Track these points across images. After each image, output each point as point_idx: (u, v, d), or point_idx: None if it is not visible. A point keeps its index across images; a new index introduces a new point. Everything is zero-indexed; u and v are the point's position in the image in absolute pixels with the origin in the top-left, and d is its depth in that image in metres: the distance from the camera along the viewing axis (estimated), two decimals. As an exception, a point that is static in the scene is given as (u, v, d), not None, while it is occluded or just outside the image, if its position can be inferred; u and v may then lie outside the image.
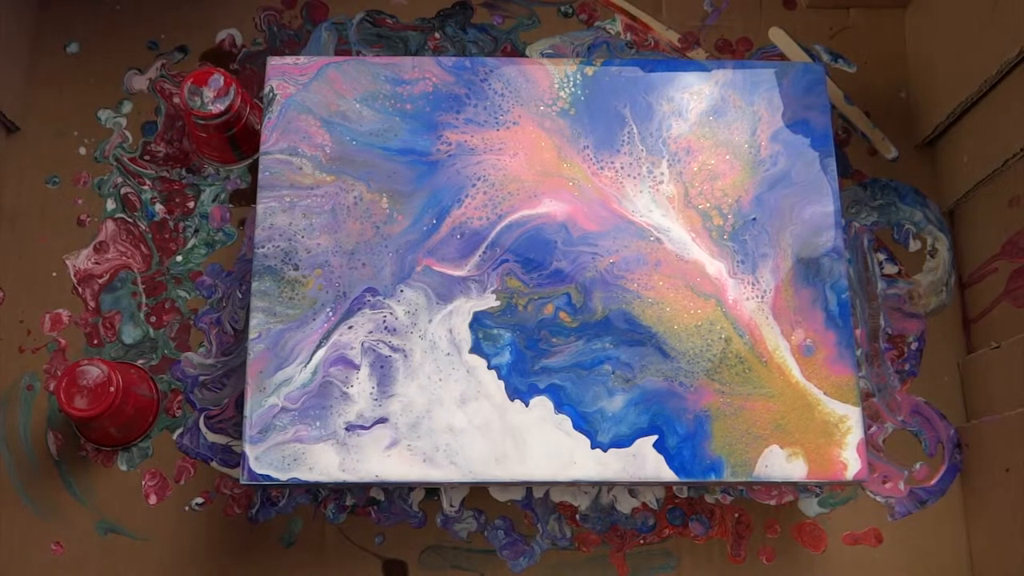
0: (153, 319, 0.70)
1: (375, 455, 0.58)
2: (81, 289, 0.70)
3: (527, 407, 0.58)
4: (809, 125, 0.63)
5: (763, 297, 0.60)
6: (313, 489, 0.67)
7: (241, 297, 0.70)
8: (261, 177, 0.62)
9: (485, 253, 0.61)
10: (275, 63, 0.64)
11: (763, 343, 0.60)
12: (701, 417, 0.59)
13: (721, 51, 0.76)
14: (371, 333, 0.59)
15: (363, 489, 0.67)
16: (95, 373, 0.62)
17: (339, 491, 0.67)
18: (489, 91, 0.63)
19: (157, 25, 0.76)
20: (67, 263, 0.71)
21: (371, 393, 0.58)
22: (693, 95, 0.64)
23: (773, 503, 0.68)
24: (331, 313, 0.60)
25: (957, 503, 0.68)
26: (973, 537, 0.67)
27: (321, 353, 0.59)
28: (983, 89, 0.66)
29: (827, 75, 0.72)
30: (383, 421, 0.58)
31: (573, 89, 0.63)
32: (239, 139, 0.70)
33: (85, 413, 0.61)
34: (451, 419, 0.58)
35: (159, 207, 0.72)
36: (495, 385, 0.59)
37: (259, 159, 0.62)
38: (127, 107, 0.74)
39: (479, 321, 0.60)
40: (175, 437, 0.68)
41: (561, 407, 0.58)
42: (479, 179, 0.62)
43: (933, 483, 0.68)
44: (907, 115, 0.75)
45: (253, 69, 0.75)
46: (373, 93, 0.63)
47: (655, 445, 0.58)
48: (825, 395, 0.59)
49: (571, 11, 0.76)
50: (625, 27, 0.76)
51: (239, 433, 0.67)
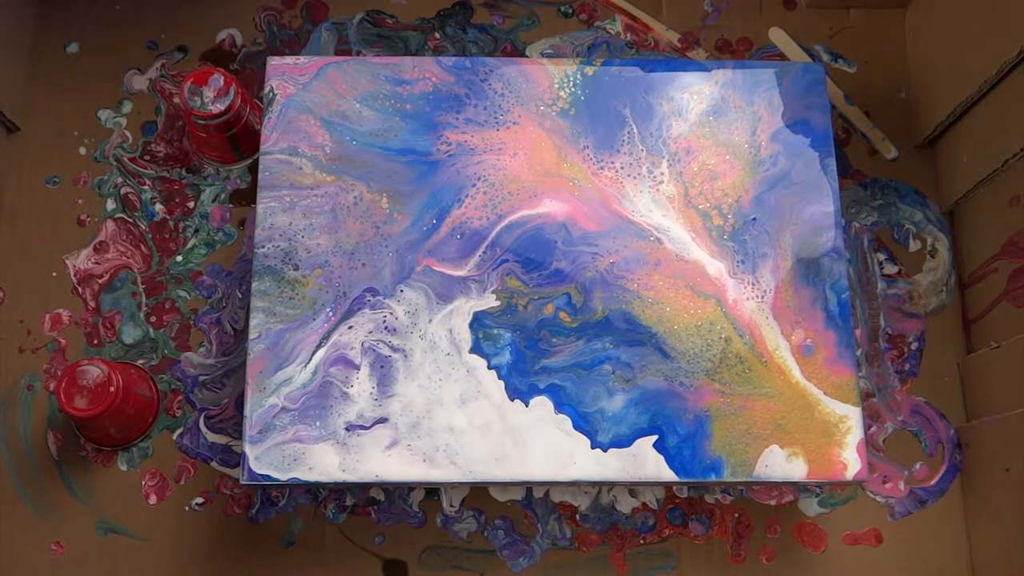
0: (153, 319, 0.70)
1: (375, 455, 0.58)
2: (81, 289, 0.70)
3: (527, 407, 0.58)
4: (809, 125, 0.63)
5: (763, 297, 0.60)
6: (313, 489, 0.67)
7: (241, 297, 0.70)
8: (261, 177, 0.62)
9: (485, 253, 0.61)
10: (275, 63, 0.64)
11: (763, 343, 0.60)
12: (701, 417, 0.58)
13: (721, 51, 0.76)
14: (371, 333, 0.59)
15: (363, 489, 0.67)
16: (95, 373, 0.62)
17: (339, 491, 0.67)
18: (489, 91, 0.63)
19: (157, 25, 0.76)
20: (67, 263, 0.71)
21: (371, 393, 0.58)
22: (693, 95, 0.64)
23: (773, 503, 0.68)
24: (331, 313, 0.59)
25: (957, 503, 0.68)
26: (973, 537, 0.67)
27: (321, 353, 0.59)
28: (983, 89, 0.66)
29: (827, 75, 0.72)
30: (383, 421, 0.58)
31: (573, 89, 0.63)
32: (239, 139, 0.70)
33: (85, 413, 0.61)
34: (451, 419, 0.58)
35: (159, 207, 0.72)
36: (495, 385, 0.59)
37: (259, 159, 0.62)
38: (127, 107, 0.74)
39: (479, 321, 0.60)
40: (175, 437, 0.68)
41: (561, 407, 0.58)
42: (479, 179, 0.62)
43: (933, 483, 0.68)
44: (907, 115, 0.75)
45: (253, 69, 0.75)
46: (373, 93, 0.63)
47: (655, 445, 0.58)
48: (825, 395, 0.59)
49: (571, 11, 0.76)
50: (625, 27, 0.76)
51: (239, 433, 0.67)
